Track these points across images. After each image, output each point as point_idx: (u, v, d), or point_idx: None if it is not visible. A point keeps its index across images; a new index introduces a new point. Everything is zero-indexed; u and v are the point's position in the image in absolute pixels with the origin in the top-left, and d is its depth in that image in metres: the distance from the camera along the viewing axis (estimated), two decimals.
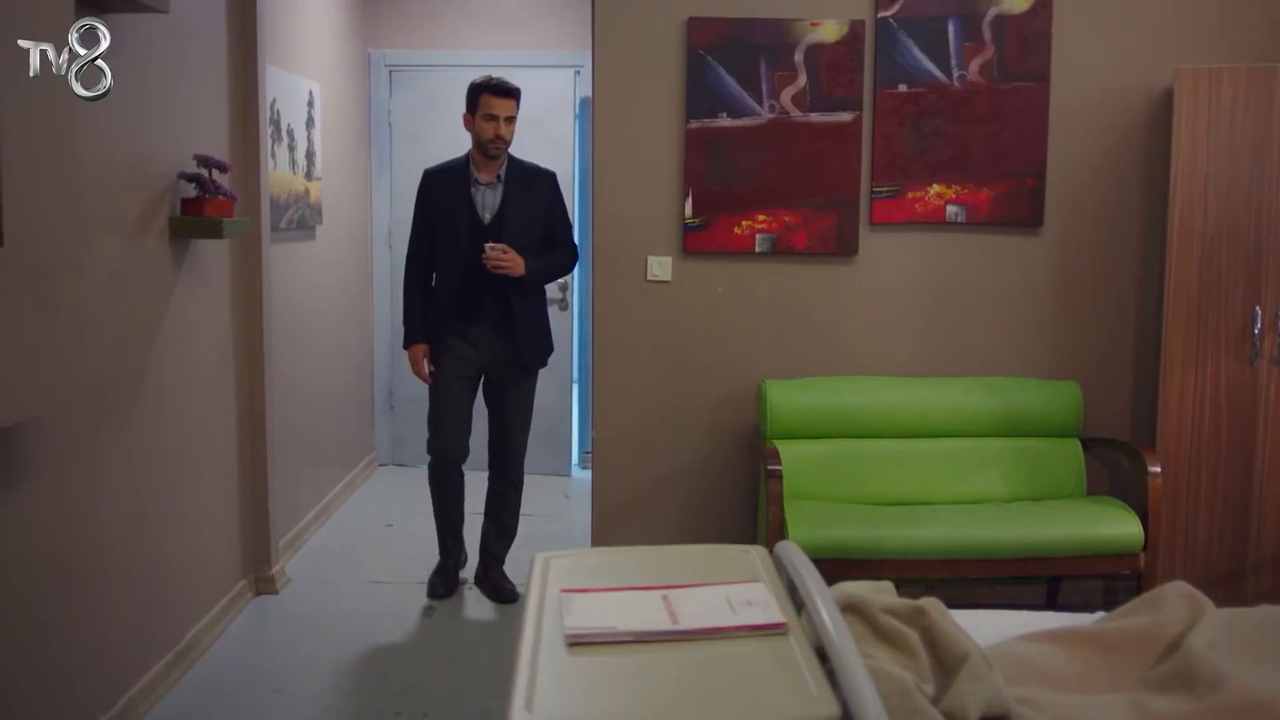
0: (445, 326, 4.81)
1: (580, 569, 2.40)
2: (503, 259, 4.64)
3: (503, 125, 4.71)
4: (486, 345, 4.83)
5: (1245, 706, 1.99)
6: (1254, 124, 4.31)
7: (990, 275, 4.79)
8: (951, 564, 4.20)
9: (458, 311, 4.79)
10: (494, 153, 4.75)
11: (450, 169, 4.87)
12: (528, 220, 4.80)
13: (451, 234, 4.76)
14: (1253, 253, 4.35)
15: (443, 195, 4.83)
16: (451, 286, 4.79)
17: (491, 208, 4.79)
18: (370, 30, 7.01)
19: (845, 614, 2.14)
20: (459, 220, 4.76)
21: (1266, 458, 4.41)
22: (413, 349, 4.90)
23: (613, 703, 1.87)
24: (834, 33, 4.68)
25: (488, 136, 4.71)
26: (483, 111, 4.70)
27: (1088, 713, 2.05)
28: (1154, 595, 2.41)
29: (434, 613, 4.79)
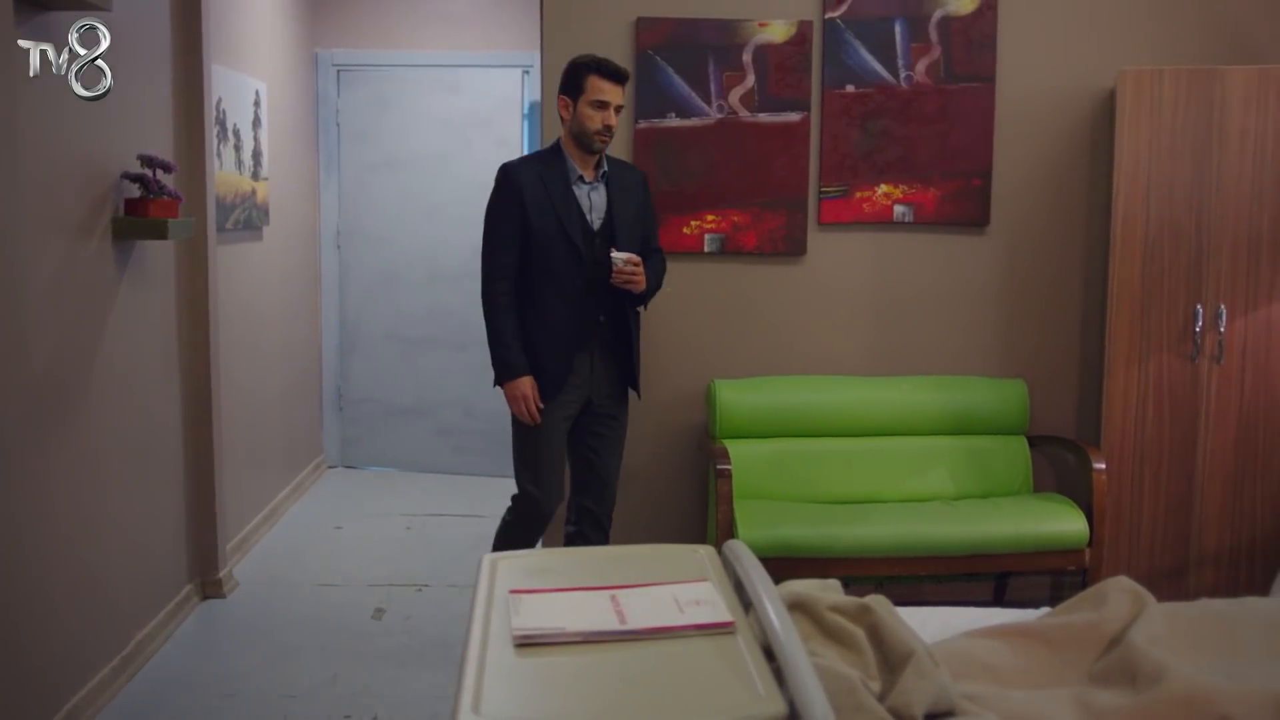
0: (554, 354, 4.06)
1: (529, 570, 2.39)
2: (635, 273, 4.03)
3: (613, 114, 4.02)
4: (594, 373, 4.16)
5: (1185, 699, 2.02)
6: (1194, 125, 4.37)
7: (937, 275, 4.83)
8: (900, 562, 4.23)
9: (572, 336, 4.08)
10: (600, 146, 4.05)
11: (544, 163, 4.10)
12: (632, 225, 4.17)
13: (565, 243, 4.02)
14: (1194, 252, 4.41)
15: (544, 196, 4.03)
16: (564, 306, 4.05)
17: (599, 211, 4.11)
18: (318, 30, 6.97)
19: (792, 612, 2.15)
20: (572, 226, 4.04)
21: (1208, 454, 4.47)
22: (519, 383, 4.03)
23: (560, 703, 1.87)
24: (782, 33, 4.70)
25: (595, 127, 4.00)
26: (590, 97, 3.99)
27: (1032, 707, 2.07)
28: (1097, 591, 2.44)
29: (384, 615, 4.76)
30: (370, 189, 7.04)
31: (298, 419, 6.64)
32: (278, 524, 6.02)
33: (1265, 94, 4.33)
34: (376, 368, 7.15)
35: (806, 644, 2.04)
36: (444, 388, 7.05)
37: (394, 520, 6.15)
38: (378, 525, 6.06)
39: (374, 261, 7.08)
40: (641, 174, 4.30)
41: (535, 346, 4.05)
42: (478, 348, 6.87)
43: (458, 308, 6.96)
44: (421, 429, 7.12)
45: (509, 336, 4.04)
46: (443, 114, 6.90)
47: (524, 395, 4.02)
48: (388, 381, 7.14)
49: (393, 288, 7.07)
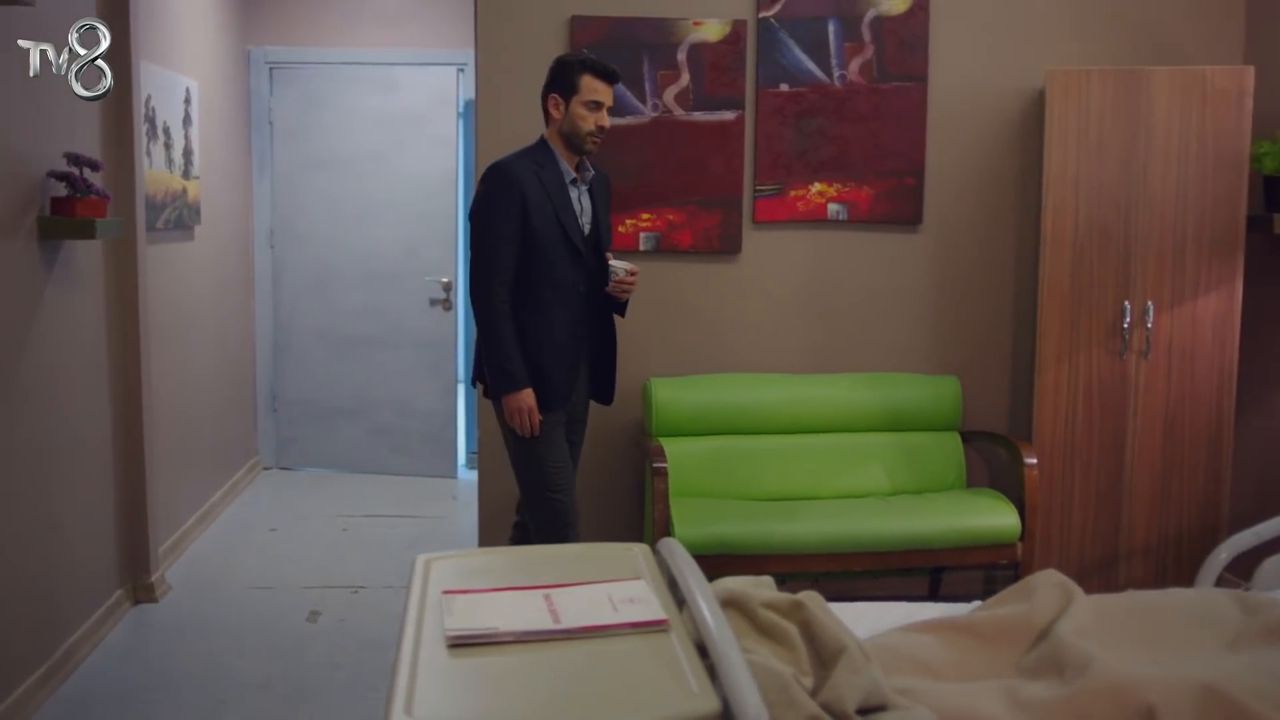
0: (560, 364, 3.89)
1: (463, 570, 2.38)
2: (633, 283, 4.00)
3: (606, 115, 3.88)
4: (581, 383, 4.06)
5: (1111, 689, 2.05)
6: (1121, 125, 4.43)
7: (871, 273, 4.87)
8: (835, 557, 4.26)
9: (577, 344, 3.95)
10: (592, 148, 3.90)
11: (536, 163, 3.87)
12: (608, 231, 4.11)
13: (568, 247, 3.85)
14: (1121, 250, 4.48)
15: (544, 197, 3.83)
16: (568, 314, 3.89)
17: (587, 215, 3.96)
18: (250, 27, 6.89)
19: (726, 609, 2.15)
20: (574, 228, 3.87)
21: (1136, 448, 4.54)
22: (521, 396, 3.81)
23: (493, 703, 1.86)
24: (716, 32, 4.71)
25: (588, 128, 3.84)
26: (585, 97, 3.83)
27: (963, 700, 2.09)
28: (1026, 584, 2.47)
29: (319, 618, 4.72)
30: (304, 188, 6.97)
31: (231, 420, 6.57)
32: (211, 527, 5.95)
33: (1188, 95, 4.40)
34: (311, 368, 7.08)
35: (740, 641, 2.05)
36: (380, 387, 7.00)
37: (330, 522, 6.10)
38: (313, 527, 6.01)
39: (308, 261, 7.02)
40: (606, 177, 4.18)
41: (539, 356, 3.85)
42: (413, 347, 6.89)
43: (393, 307, 6.92)
44: (357, 429, 7.07)
45: (510, 346, 3.80)
46: (377, 112, 6.85)
47: (528, 408, 3.82)
48: (323, 382, 7.08)
49: (327, 287, 7.02)
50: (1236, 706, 2.06)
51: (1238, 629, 2.39)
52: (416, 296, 6.90)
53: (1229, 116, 4.40)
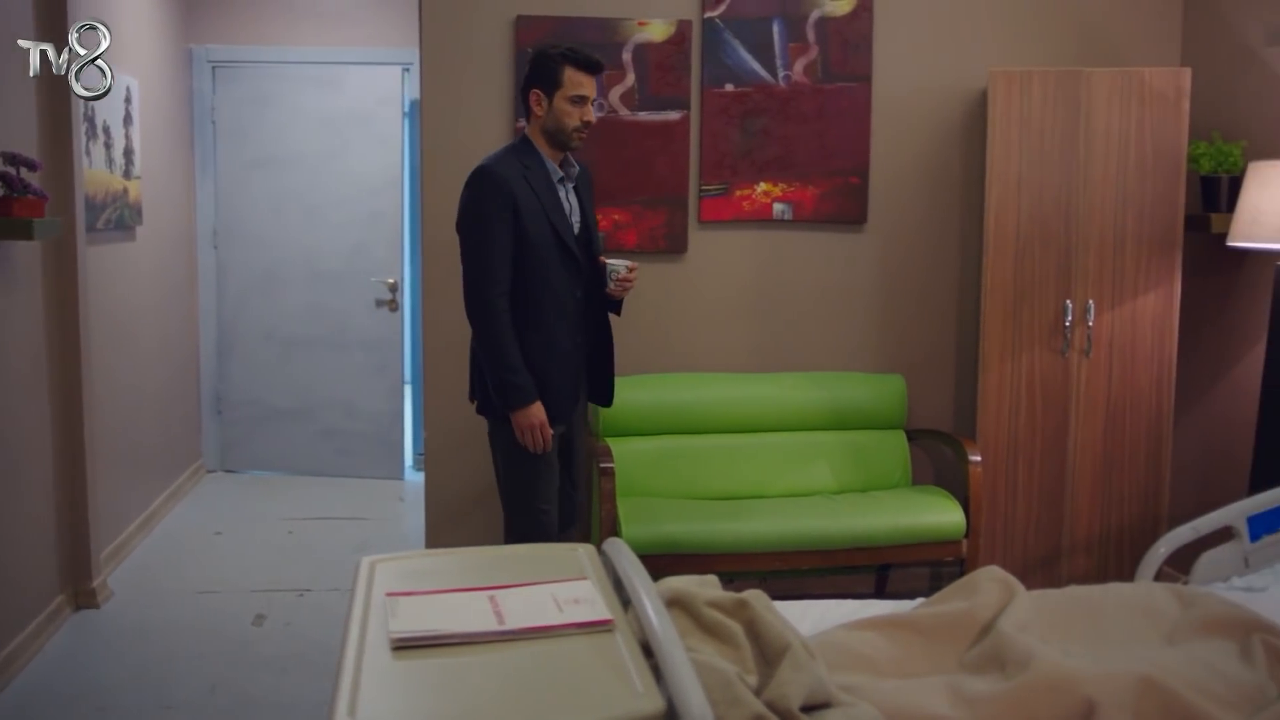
0: (563, 374, 3.74)
1: (407, 572, 2.38)
2: (633, 280, 3.81)
3: (591, 109, 3.71)
4: (579, 389, 3.90)
5: (1051, 684, 2.08)
6: (1062, 125, 4.48)
7: (817, 272, 4.89)
8: (782, 556, 4.28)
9: (577, 352, 3.80)
10: (578, 144, 3.72)
11: (523, 164, 3.68)
12: (596, 224, 3.94)
13: (561, 250, 3.68)
14: (1063, 249, 4.53)
15: (534, 199, 3.65)
16: (565, 321, 3.72)
17: (576, 213, 3.80)
18: (191, 25, 6.82)
19: (670, 609, 2.16)
20: (566, 230, 3.70)
21: (1078, 445, 4.59)
22: (532, 410, 3.63)
23: (437, 704, 1.86)
24: (661, 32, 4.72)
25: (573, 124, 3.66)
26: (569, 91, 3.64)
27: (907, 696, 2.11)
28: (968, 581, 2.50)
29: (264, 622, 4.68)
30: (248, 188, 6.91)
31: (175, 423, 6.50)
32: (155, 531, 5.88)
33: (1127, 95, 4.46)
34: (256, 369, 7.02)
35: (684, 640, 2.06)
36: (326, 389, 6.96)
37: (275, 525, 6.05)
38: (258, 530, 5.96)
39: (252, 261, 6.96)
40: (586, 168, 3.98)
41: (543, 368, 3.68)
42: (360, 348, 6.85)
43: (338, 308, 6.88)
44: (303, 431, 7.01)
45: (515, 359, 3.61)
46: (322, 111, 6.80)
47: (540, 423, 3.63)
48: (268, 383, 7.02)
49: (272, 288, 6.96)
50: (1173, 698, 2.10)
51: (1175, 622, 2.43)
52: (363, 297, 6.85)
53: (1166, 117, 4.46)
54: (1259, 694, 2.19)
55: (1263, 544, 3.07)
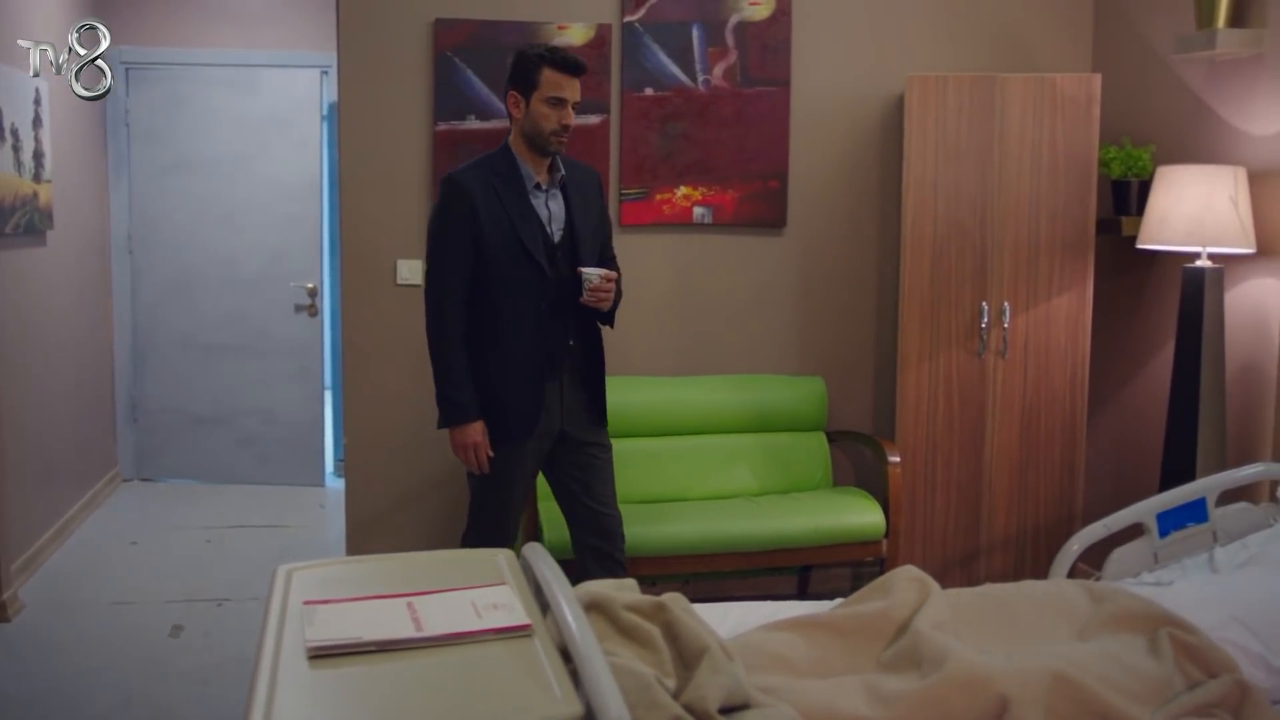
0: (522, 390, 3.59)
1: (325, 580, 2.35)
2: (610, 291, 3.61)
3: (570, 112, 3.57)
4: (565, 403, 3.69)
5: (965, 681, 2.11)
6: (977, 130, 4.55)
7: (737, 275, 4.92)
8: (704, 559, 4.29)
9: (540, 366, 3.61)
10: (556, 148, 3.58)
11: (493, 170, 3.60)
12: (594, 233, 3.73)
13: (526, 261, 3.55)
14: (978, 252, 4.59)
15: (498, 208, 3.54)
16: (528, 333, 3.57)
17: (559, 221, 3.64)
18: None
19: (589, 613, 2.16)
20: (533, 241, 3.56)
21: (995, 445, 4.66)
22: (468, 430, 3.55)
23: (354, 713, 1.84)
24: (581, 36, 4.72)
25: (550, 127, 3.53)
26: (546, 93, 3.52)
27: (825, 696, 2.13)
28: (885, 581, 2.53)
29: (182, 633, 4.61)
30: (163, 192, 6.81)
31: (89, 431, 6.38)
32: (68, 541, 5.77)
33: (1041, 101, 4.53)
34: (173, 376, 6.91)
35: (603, 644, 2.06)
36: (244, 395, 6.87)
37: (193, 533, 5.96)
38: (176, 539, 5.87)
39: (169, 266, 6.85)
40: (596, 174, 3.85)
41: (498, 382, 3.57)
42: (279, 354, 6.78)
43: (257, 313, 6.79)
44: (222, 439, 6.92)
45: (460, 374, 3.54)
46: (239, 115, 6.72)
47: (474, 444, 3.55)
48: (185, 390, 6.91)
49: (188, 294, 6.85)
50: (1084, 693, 2.14)
51: (1087, 618, 2.47)
52: (282, 302, 6.78)
53: (1078, 123, 4.55)
54: (1166, 687, 2.24)
55: (1171, 540, 3.14)
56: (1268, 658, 2.37)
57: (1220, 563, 3.06)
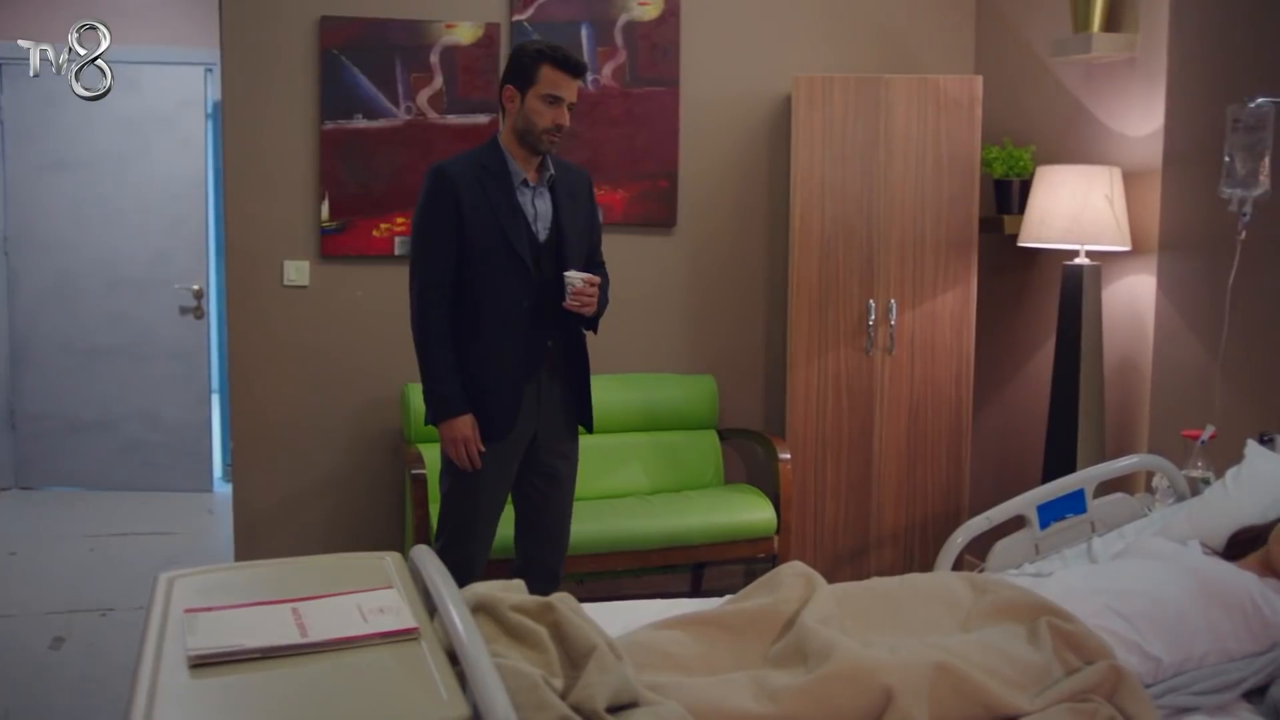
0: (501, 389, 3.51)
1: (208, 587, 2.31)
2: (593, 295, 3.51)
3: (566, 112, 3.49)
4: (542, 406, 3.60)
5: (850, 674, 2.14)
6: (863, 130, 4.61)
7: (627, 275, 4.90)
8: (597, 558, 4.30)
9: (520, 366, 3.53)
10: (548, 147, 3.50)
11: (481, 165, 3.50)
12: (580, 236, 3.63)
13: (511, 258, 3.47)
14: (865, 250, 4.66)
15: (485, 203, 3.46)
16: (510, 332, 3.49)
17: (545, 220, 3.55)
18: None
19: (476, 615, 2.15)
20: (519, 238, 3.48)
21: (883, 441, 4.73)
22: (458, 423, 3.47)
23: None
24: (469, 35, 4.69)
25: (544, 125, 3.45)
26: (542, 90, 3.43)
27: (712, 693, 2.14)
28: (772, 577, 2.55)
29: (64, 644, 4.50)
30: (41, 191, 6.62)
31: None
32: None
33: (924, 101, 4.61)
34: (53, 382, 6.72)
35: (490, 645, 2.05)
36: (129, 400, 6.71)
37: (75, 542, 5.81)
38: (57, 549, 5.71)
39: (47, 269, 6.67)
40: (587, 175, 3.76)
41: (478, 380, 3.50)
42: (164, 358, 6.64)
43: (141, 316, 6.64)
44: (105, 445, 6.75)
45: (446, 369, 3.46)
46: (119, 113, 6.55)
47: (465, 437, 3.46)
48: (66, 396, 6.73)
49: (69, 296, 6.68)
50: (965, 682, 2.18)
51: (969, 609, 2.52)
52: (166, 305, 6.64)
53: (961, 123, 4.64)
54: (1045, 674, 2.29)
55: (1051, 531, 3.21)
56: (1141, 644, 2.44)
57: (1098, 552, 3.14)
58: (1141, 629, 2.46)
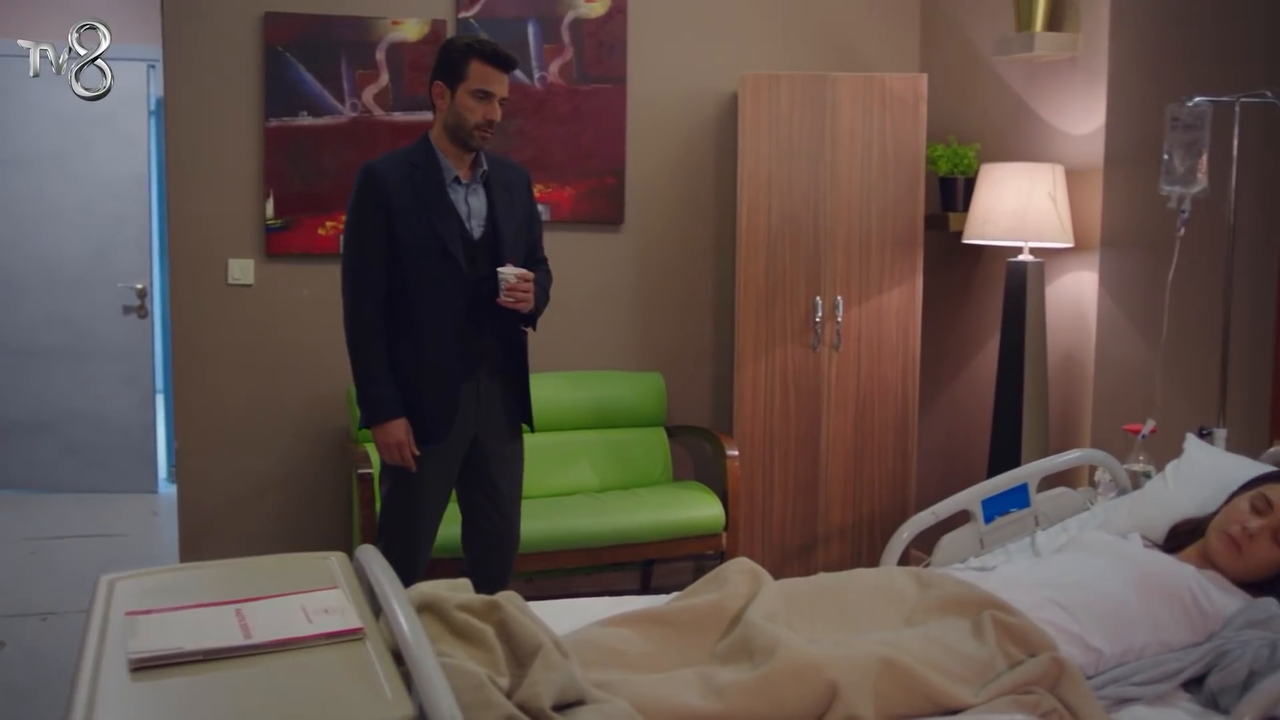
0: (437, 390, 3.48)
1: (150, 589, 2.28)
2: (527, 291, 3.46)
3: (497, 107, 3.45)
4: (482, 407, 3.56)
5: (795, 669, 2.15)
6: (809, 127, 4.63)
7: (575, 272, 4.91)
8: (547, 556, 4.30)
9: (456, 366, 3.49)
10: (479, 143, 3.45)
11: (410, 163, 3.46)
12: (517, 232, 3.58)
13: (443, 257, 3.43)
14: (812, 247, 4.68)
15: (415, 201, 3.42)
16: (444, 331, 3.46)
17: (479, 217, 3.51)
18: None
19: (421, 614, 2.14)
20: (451, 236, 3.44)
21: (830, 436, 4.76)
22: (391, 427, 3.44)
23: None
24: (415, 32, 4.67)
25: (475, 120, 3.41)
26: (472, 85, 3.39)
27: (659, 690, 2.14)
28: (718, 573, 2.55)
29: (3, 649, 4.43)
30: None
31: None
32: None
33: (870, 99, 4.64)
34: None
35: (436, 645, 2.05)
36: (70, 401, 6.62)
37: (16, 545, 5.73)
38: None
39: None
40: (525, 172, 3.73)
41: (414, 381, 3.46)
42: (107, 357, 6.56)
43: (82, 315, 6.56)
44: (48, 446, 6.65)
45: (379, 370, 3.43)
46: (59, 109, 6.45)
47: (399, 441, 3.44)
48: (6, 397, 6.62)
49: (8, 295, 6.57)
50: (909, 676, 2.20)
51: (914, 604, 2.54)
52: (109, 304, 6.55)
53: (906, 121, 4.67)
54: (989, 667, 2.31)
55: (995, 525, 3.23)
56: (1083, 636, 2.46)
57: (1041, 546, 3.17)
58: (1083, 621, 2.48)
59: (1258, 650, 2.39)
